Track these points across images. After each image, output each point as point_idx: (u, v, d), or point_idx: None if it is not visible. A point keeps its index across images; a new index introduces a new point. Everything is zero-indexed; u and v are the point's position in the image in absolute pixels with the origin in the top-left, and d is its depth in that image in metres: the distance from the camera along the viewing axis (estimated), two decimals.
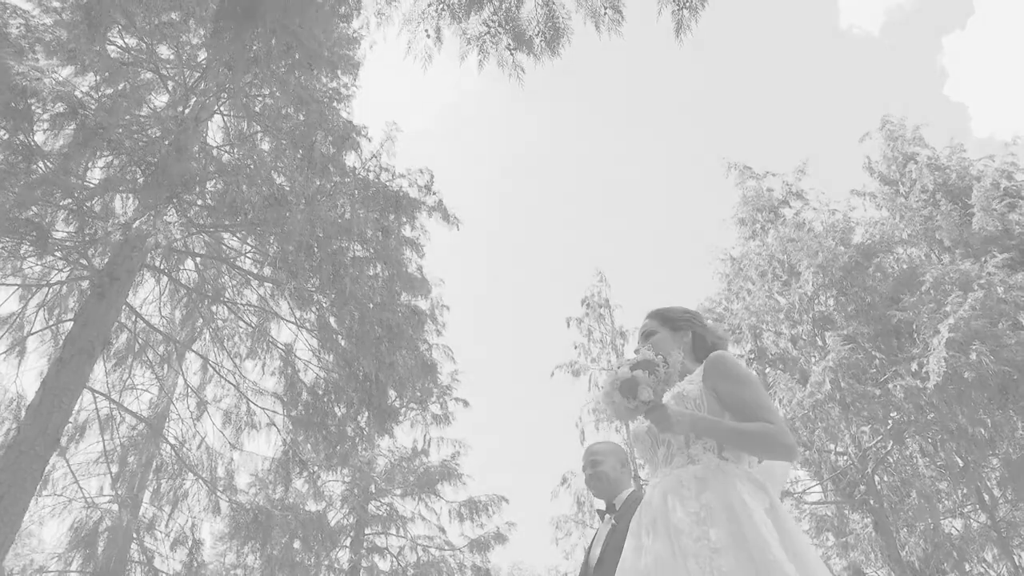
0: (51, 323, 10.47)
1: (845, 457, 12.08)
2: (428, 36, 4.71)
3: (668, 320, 2.68)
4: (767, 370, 12.61)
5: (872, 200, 15.29)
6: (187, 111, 10.39)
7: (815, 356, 12.40)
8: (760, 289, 13.43)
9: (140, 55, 10.36)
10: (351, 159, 9.98)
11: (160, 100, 11.40)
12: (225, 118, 11.01)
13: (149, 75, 10.97)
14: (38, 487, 8.42)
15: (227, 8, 5.76)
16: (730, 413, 2.22)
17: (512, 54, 4.75)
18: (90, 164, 7.95)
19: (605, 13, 5.03)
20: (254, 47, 6.21)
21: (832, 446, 12.05)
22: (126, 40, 10.48)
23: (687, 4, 5.19)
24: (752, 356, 12.98)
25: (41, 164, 7.85)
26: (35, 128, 7.20)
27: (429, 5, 5.02)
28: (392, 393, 9.94)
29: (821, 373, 10.93)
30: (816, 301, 12.55)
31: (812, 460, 12.04)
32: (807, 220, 14.07)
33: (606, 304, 20.26)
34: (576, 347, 19.43)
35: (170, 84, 11.14)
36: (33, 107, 6.90)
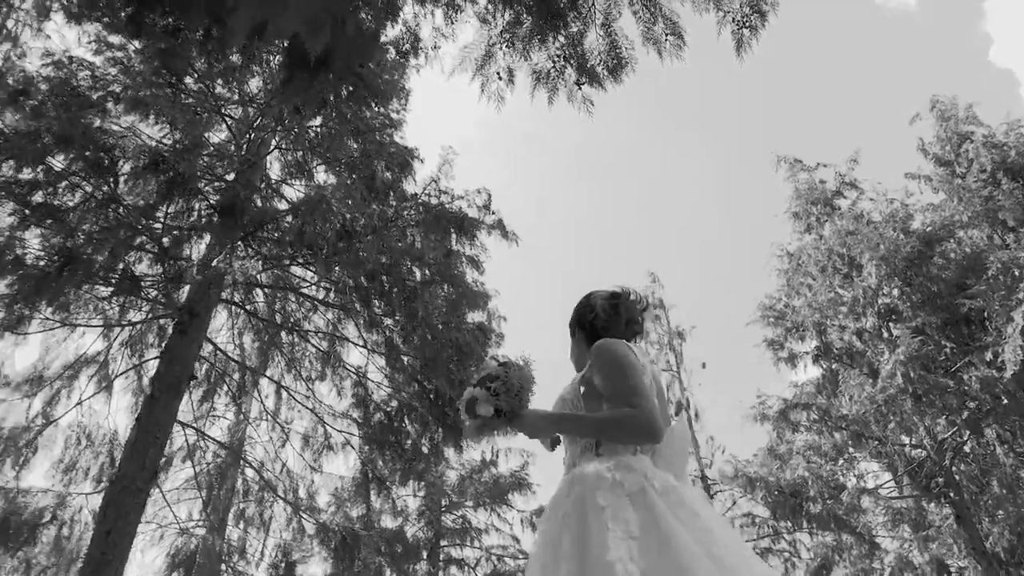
0: (134, 359, 10.97)
1: (920, 450, 11.91)
2: (500, 78, 4.90)
3: (570, 326, 2.65)
4: (834, 366, 12.54)
5: (928, 183, 15.00)
6: (247, 146, 10.80)
7: (883, 349, 12.26)
8: (822, 285, 13.31)
9: (201, 96, 10.80)
10: (410, 184, 10.25)
11: (217, 136, 11.86)
12: (283, 152, 11.39)
13: (207, 114, 11.42)
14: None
15: (298, 57, 6.01)
16: (607, 405, 2.15)
17: (580, 88, 4.90)
18: (169, 209, 8.33)
19: (667, 39, 5.14)
20: (323, 91, 6.46)
21: (906, 439, 11.90)
22: (185, 82, 10.93)
23: (747, 23, 5.27)
24: (818, 353, 12.90)
25: (122, 210, 8.29)
26: (119, 180, 7.59)
27: (493, 44, 5.20)
28: None
29: (892, 366, 10.81)
30: (880, 293, 12.40)
31: (887, 453, 11.91)
32: (864, 211, 13.90)
33: (660, 305, 20.22)
34: None
35: (229, 121, 11.58)
36: (117, 162, 7.29)
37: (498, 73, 4.94)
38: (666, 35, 5.20)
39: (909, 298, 12.11)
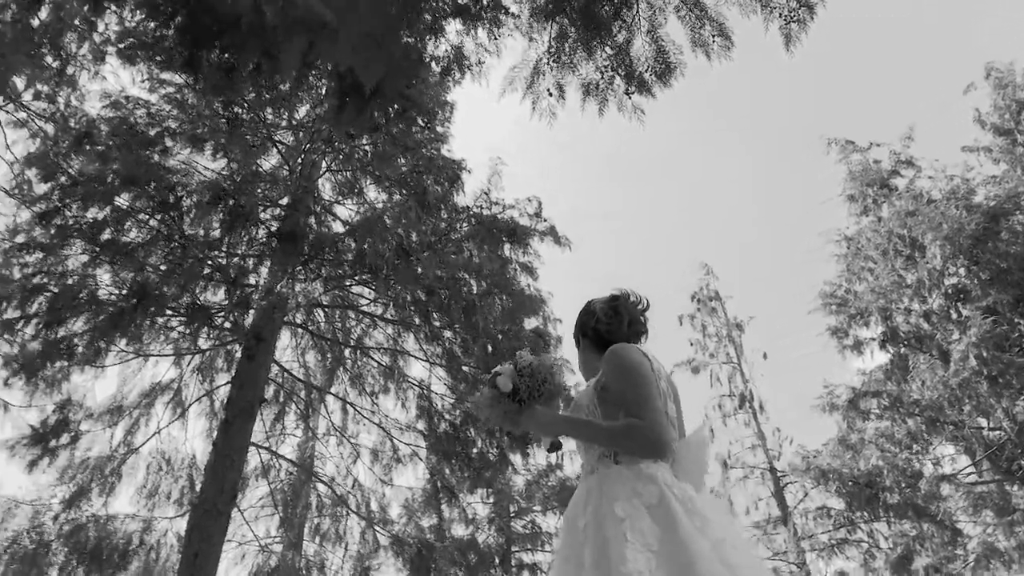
0: (206, 385, 11.33)
1: (999, 432, 11.54)
2: (550, 95, 4.93)
3: (574, 336, 2.63)
4: (902, 351, 12.23)
5: (987, 155, 14.51)
6: (299, 170, 11.06)
7: (952, 330, 11.91)
8: (884, 268, 12.99)
9: (253, 125, 11.10)
10: (460, 197, 10.36)
11: (269, 162, 12.17)
12: (334, 173, 11.62)
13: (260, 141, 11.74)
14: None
15: (348, 86, 6.14)
16: (623, 412, 2.11)
17: (630, 97, 4.91)
18: (232, 239, 8.59)
19: (714, 41, 5.11)
20: (374, 115, 6.58)
21: (984, 422, 11.54)
22: (236, 112, 11.25)
23: (795, 18, 5.21)
24: (884, 338, 12.60)
25: (188, 244, 8.60)
26: (183, 214, 7.87)
27: (540, 60, 5.23)
28: None
29: (964, 348, 10.51)
30: (946, 273, 12.05)
31: (964, 437, 11.56)
32: (923, 189, 13.52)
33: (716, 297, 20.03)
34: (692, 344, 19.30)
35: (280, 146, 11.87)
36: (181, 197, 7.55)
37: (548, 90, 4.97)
38: (713, 37, 5.17)
39: (977, 276, 11.74)
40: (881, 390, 12.20)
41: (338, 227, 11.87)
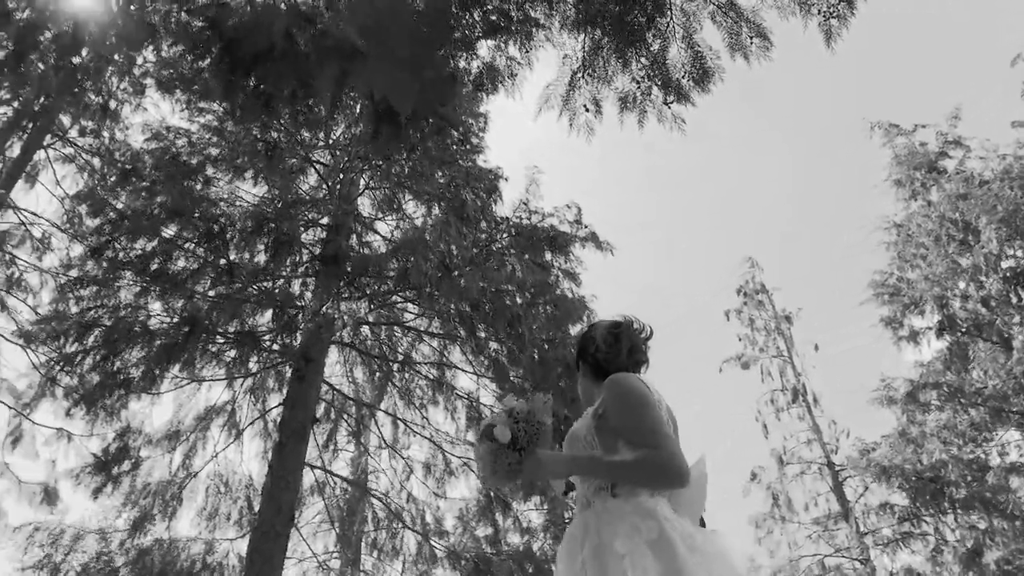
0: (259, 406, 11.51)
1: None
2: (587, 110, 4.87)
3: (575, 360, 2.54)
4: (961, 339, 11.84)
5: None
6: (338, 189, 11.18)
7: (1013, 314, 11.49)
8: (937, 255, 12.60)
9: (291, 146, 11.24)
10: (499, 207, 10.37)
11: (308, 182, 12.33)
12: (372, 190, 11.72)
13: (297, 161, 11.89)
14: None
15: (384, 110, 6.15)
16: (623, 442, 2.05)
17: (670, 107, 4.82)
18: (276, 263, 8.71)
19: (752, 42, 5.00)
20: (410, 137, 6.59)
21: None
22: (272, 134, 11.41)
23: (835, 13, 5.08)
24: (941, 327, 12.21)
25: (234, 273, 8.75)
26: (228, 244, 8.00)
27: (575, 74, 5.18)
28: None
29: None
30: (1003, 256, 11.64)
31: None
32: (973, 171, 13.08)
33: (763, 289, 19.69)
34: (740, 339, 19.01)
35: (318, 166, 12.01)
36: (225, 227, 7.67)
37: (584, 105, 4.91)
38: (751, 39, 5.06)
39: None
40: (940, 381, 11.83)
41: (379, 242, 12.01)
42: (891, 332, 13.05)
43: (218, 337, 9.22)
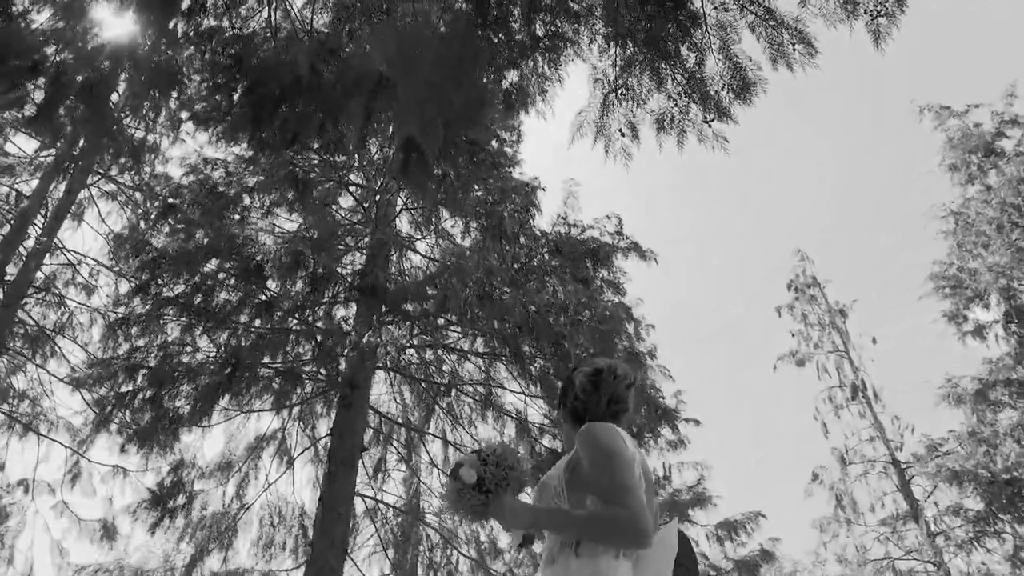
0: (308, 432, 11.50)
1: None
2: (623, 135, 4.64)
3: (557, 400, 2.45)
4: None
5: None
6: (375, 211, 11.11)
7: None
8: (1000, 244, 11.97)
9: (326, 169, 11.20)
10: (538, 218, 10.20)
11: (345, 203, 12.30)
12: (410, 210, 11.63)
13: (331, 184, 11.86)
14: None
15: (414, 145, 6.01)
16: (591, 496, 1.98)
17: (710, 126, 4.56)
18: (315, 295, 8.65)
19: (795, 50, 4.71)
20: (441, 166, 6.44)
21: None
22: (304, 156, 11.38)
23: (883, 11, 4.76)
24: (1008, 319, 11.59)
25: (275, 308, 8.72)
26: (267, 279, 7.96)
27: (608, 96, 4.94)
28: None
29: None
30: None
31: None
32: None
33: (814, 283, 19.06)
34: (793, 335, 18.44)
35: (353, 188, 11.96)
36: (264, 264, 7.62)
37: (620, 130, 4.67)
38: (793, 45, 4.76)
39: None
40: (1011, 377, 11.23)
41: (420, 260, 11.93)
42: (955, 327, 12.47)
43: (263, 370, 9.20)
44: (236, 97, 7.81)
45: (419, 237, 11.87)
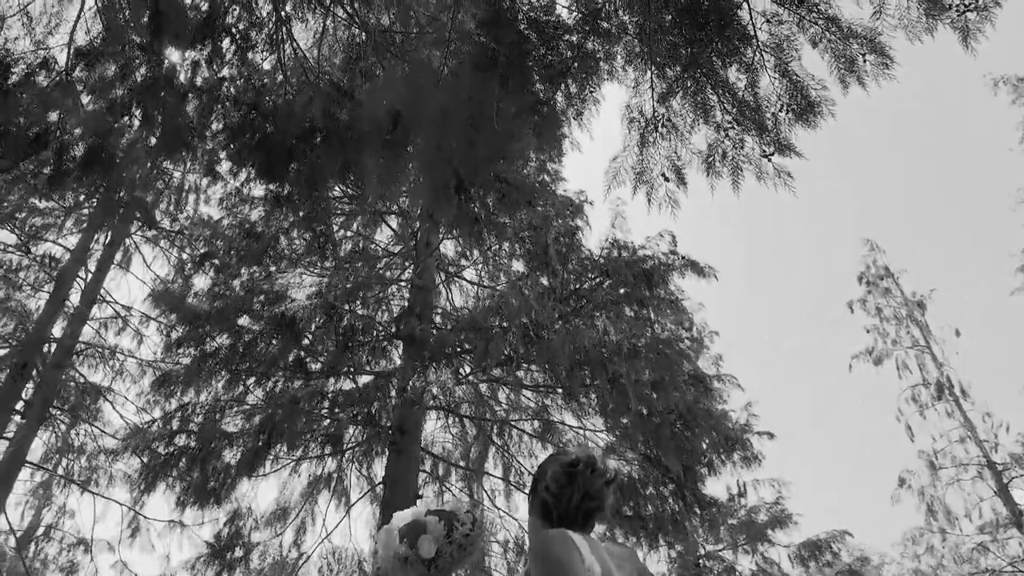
0: (363, 471, 11.16)
1: None
2: (667, 179, 4.01)
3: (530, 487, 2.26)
4: None
5: None
6: (415, 241, 10.69)
7: None
8: None
9: (360, 200, 10.80)
10: (587, 232, 9.65)
11: (384, 233, 11.93)
12: (453, 237, 11.17)
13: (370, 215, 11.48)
14: None
15: (440, 184, 5.51)
16: None
17: (770, 160, 3.89)
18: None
19: (865, 61, 4.01)
20: (472, 204, 5.93)
21: None
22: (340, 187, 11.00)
23: (972, 5, 4.03)
24: None
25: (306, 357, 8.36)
26: (302, 336, 7.59)
27: (646, 130, 4.32)
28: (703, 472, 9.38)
29: None
30: None
31: None
32: None
33: (887, 274, 17.86)
34: (868, 331, 17.30)
35: (390, 216, 11.56)
36: (298, 320, 7.25)
37: (663, 174, 4.04)
38: (863, 55, 4.07)
39: None
40: None
41: (468, 287, 11.48)
42: None
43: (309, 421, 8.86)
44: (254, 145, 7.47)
45: (466, 264, 11.44)
